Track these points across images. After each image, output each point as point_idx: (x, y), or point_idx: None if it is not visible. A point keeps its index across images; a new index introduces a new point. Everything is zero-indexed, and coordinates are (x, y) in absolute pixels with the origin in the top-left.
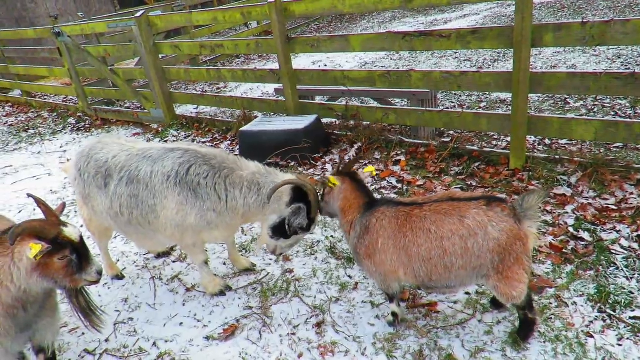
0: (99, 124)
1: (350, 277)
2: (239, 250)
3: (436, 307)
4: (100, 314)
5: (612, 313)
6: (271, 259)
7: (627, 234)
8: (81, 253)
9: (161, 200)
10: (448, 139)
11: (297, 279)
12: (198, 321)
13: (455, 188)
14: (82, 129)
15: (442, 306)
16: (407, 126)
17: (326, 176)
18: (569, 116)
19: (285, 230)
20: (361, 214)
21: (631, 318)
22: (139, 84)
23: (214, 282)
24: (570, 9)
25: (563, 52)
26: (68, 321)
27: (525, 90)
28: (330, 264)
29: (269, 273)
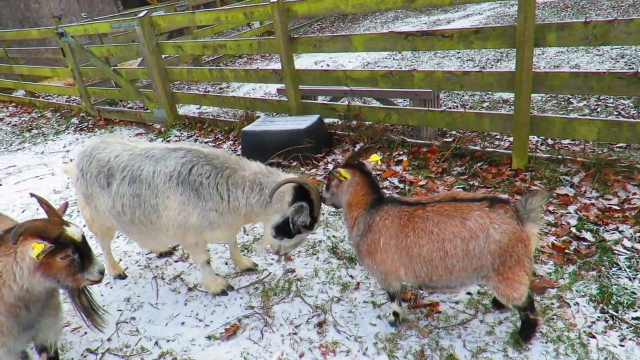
0: (102, 124)
1: (351, 277)
2: (241, 250)
3: (438, 307)
4: (102, 314)
5: (615, 314)
6: (273, 259)
7: (630, 235)
8: (83, 252)
9: (163, 200)
10: (450, 139)
11: (299, 279)
12: (200, 321)
13: (457, 188)
14: (85, 129)
15: (444, 306)
16: (410, 126)
17: (337, 169)
18: (572, 116)
19: (288, 229)
20: (366, 211)
21: (634, 319)
22: (142, 84)
23: (216, 282)
24: (573, 9)
25: (566, 52)
26: (70, 320)
27: (527, 90)
28: (331, 264)
29: (271, 273)
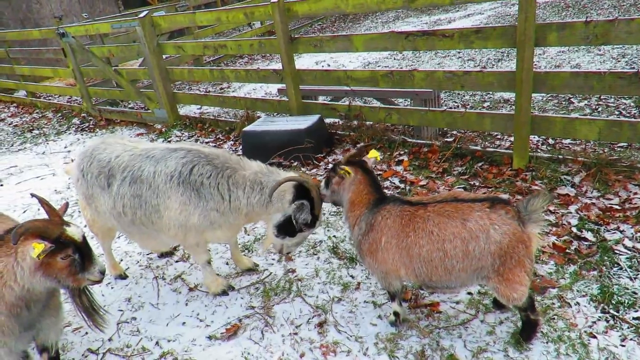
0: (103, 124)
1: (352, 277)
2: (242, 250)
3: (438, 307)
4: (103, 314)
5: (616, 313)
6: (273, 259)
7: (631, 234)
8: (84, 252)
9: (164, 200)
10: (451, 139)
11: (300, 279)
12: (200, 321)
13: (458, 188)
14: (87, 129)
15: (444, 306)
16: (410, 126)
17: (341, 165)
18: (573, 116)
19: (290, 228)
20: (369, 210)
21: (635, 319)
22: (143, 85)
23: (217, 282)
24: (574, 8)
25: (567, 52)
26: (71, 320)
27: (528, 89)
28: (332, 264)
29: (272, 273)
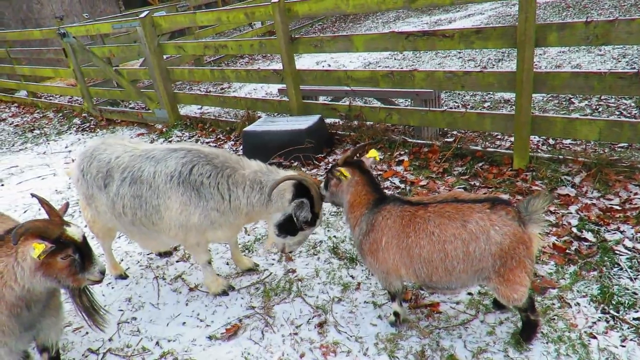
0: (104, 124)
1: (352, 277)
2: (242, 250)
3: (438, 308)
4: (103, 314)
5: (616, 314)
6: (274, 259)
7: (631, 235)
8: (84, 252)
9: (165, 200)
10: (451, 139)
11: (300, 279)
12: (201, 321)
13: (458, 188)
14: (87, 129)
15: (445, 306)
16: (410, 126)
17: (337, 168)
18: (573, 116)
19: (290, 227)
20: (369, 210)
21: (635, 319)
22: (143, 85)
23: (217, 282)
24: (575, 8)
25: (568, 52)
26: (72, 320)
27: (528, 90)
28: (332, 264)
29: (272, 273)
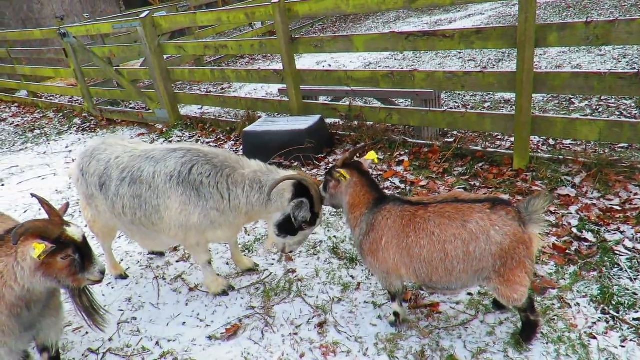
0: (104, 124)
1: (352, 278)
2: (242, 250)
3: (438, 308)
4: (103, 314)
5: (616, 314)
6: (274, 259)
7: (631, 235)
8: (84, 252)
9: (164, 200)
10: (451, 139)
11: (300, 279)
12: (201, 321)
13: (458, 188)
14: (88, 129)
15: (444, 307)
16: (411, 126)
17: (336, 169)
18: (573, 116)
19: (290, 227)
20: (369, 210)
21: (635, 319)
22: (144, 85)
23: (217, 282)
24: (575, 9)
25: (568, 52)
26: (72, 320)
27: (528, 90)
28: (332, 264)
29: (272, 273)
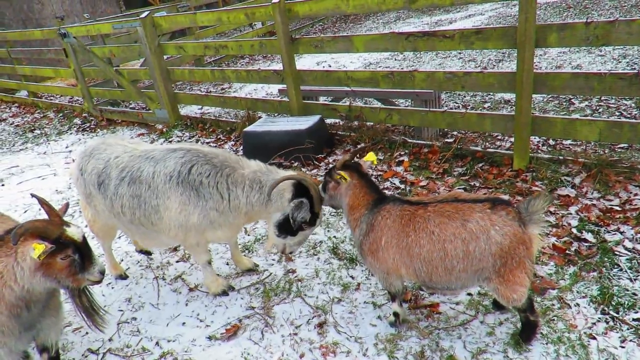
0: (104, 125)
1: (352, 278)
2: (242, 250)
3: (438, 308)
4: (103, 314)
5: (615, 315)
6: (274, 260)
7: (631, 235)
8: (84, 253)
9: (164, 200)
10: (451, 140)
11: (300, 280)
12: (201, 321)
13: (458, 189)
14: (88, 130)
15: (444, 307)
16: (411, 127)
17: (336, 171)
18: (573, 117)
19: (290, 227)
20: (369, 211)
21: (634, 320)
22: (144, 85)
23: (217, 282)
24: (576, 9)
25: (568, 52)
26: (72, 320)
27: (528, 90)
28: (332, 265)
29: (272, 273)
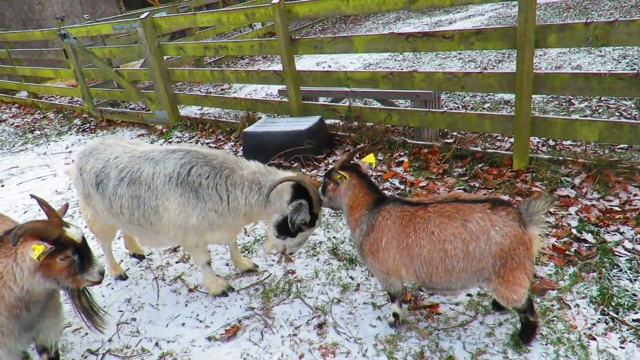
0: (104, 125)
1: (352, 279)
2: (241, 251)
3: (438, 309)
4: (102, 315)
5: (615, 315)
6: (273, 260)
7: (631, 236)
8: (83, 253)
9: (163, 201)
10: (451, 140)
11: (299, 280)
12: (200, 322)
13: (458, 189)
14: (88, 130)
15: (444, 308)
16: (410, 127)
17: (336, 170)
18: (573, 117)
19: (289, 228)
20: (369, 211)
21: (634, 320)
22: (144, 85)
23: (217, 283)
24: (575, 9)
25: (568, 53)
26: (71, 321)
27: (528, 91)
28: (332, 265)
29: (271, 274)
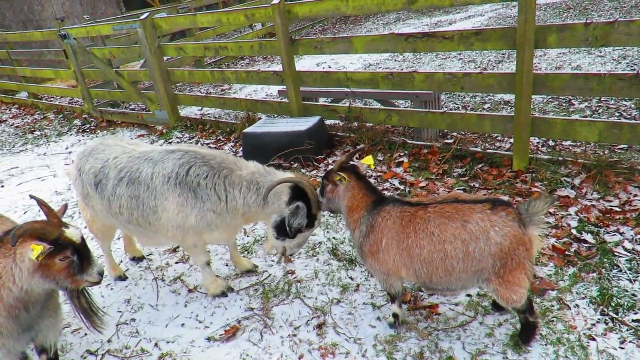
0: (104, 126)
1: (351, 279)
2: (241, 251)
3: (437, 309)
4: (101, 315)
5: (615, 316)
6: (273, 261)
7: (631, 236)
8: (82, 254)
9: (162, 201)
10: (451, 141)
11: (299, 281)
12: (200, 322)
13: (458, 190)
14: (88, 131)
15: (443, 308)
16: (410, 127)
17: (335, 172)
18: (573, 117)
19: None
20: (368, 212)
21: (634, 321)
22: (144, 86)
23: (216, 283)
24: (575, 10)
25: (568, 53)
26: (71, 322)
27: (528, 91)
28: (331, 266)
29: (271, 274)
